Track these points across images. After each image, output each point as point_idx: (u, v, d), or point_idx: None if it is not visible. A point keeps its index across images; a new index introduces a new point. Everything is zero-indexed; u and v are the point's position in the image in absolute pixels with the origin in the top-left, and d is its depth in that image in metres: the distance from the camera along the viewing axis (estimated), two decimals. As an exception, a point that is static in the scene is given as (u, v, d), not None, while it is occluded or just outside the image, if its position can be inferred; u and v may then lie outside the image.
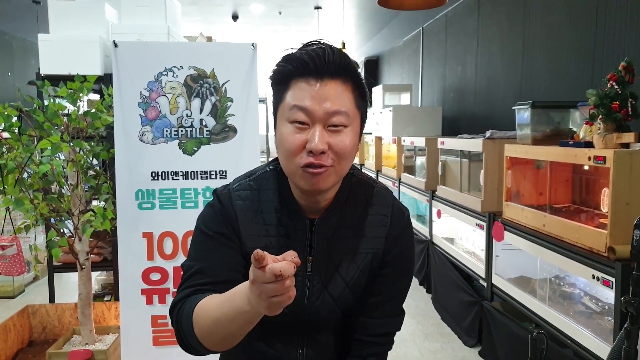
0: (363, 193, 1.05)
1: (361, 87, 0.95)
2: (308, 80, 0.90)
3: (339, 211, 1.02)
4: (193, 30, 6.46)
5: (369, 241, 1.03)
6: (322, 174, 0.91)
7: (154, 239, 2.33)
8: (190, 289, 0.96)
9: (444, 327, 3.66)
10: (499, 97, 4.24)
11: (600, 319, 2.17)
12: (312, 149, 0.88)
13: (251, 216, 1.00)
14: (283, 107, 0.93)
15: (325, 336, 1.09)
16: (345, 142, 0.91)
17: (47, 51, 2.86)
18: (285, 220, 1.00)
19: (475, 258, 3.36)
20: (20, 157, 2.25)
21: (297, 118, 0.90)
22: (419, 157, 4.74)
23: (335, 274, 1.01)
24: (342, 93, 0.91)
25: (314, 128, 0.90)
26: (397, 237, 1.05)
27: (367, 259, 1.03)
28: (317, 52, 0.90)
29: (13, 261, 2.57)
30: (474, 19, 4.71)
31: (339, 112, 0.90)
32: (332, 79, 0.90)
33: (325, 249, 1.01)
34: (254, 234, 1.00)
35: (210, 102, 2.32)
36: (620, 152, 1.93)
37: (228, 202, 1.01)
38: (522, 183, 2.81)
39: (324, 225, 1.00)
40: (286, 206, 1.01)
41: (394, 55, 7.88)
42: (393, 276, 1.06)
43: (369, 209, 1.04)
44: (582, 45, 3.03)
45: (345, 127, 0.91)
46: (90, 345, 2.52)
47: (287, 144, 0.91)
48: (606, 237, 1.97)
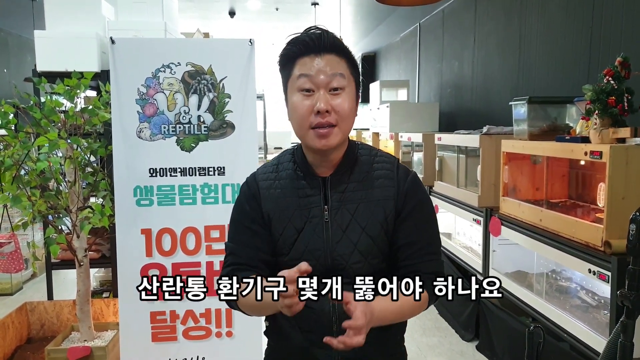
0: (368, 154, 1.22)
1: (353, 60, 1.17)
2: (310, 56, 1.11)
3: (349, 170, 1.19)
4: (190, 27, 6.43)
5: (378, 191, 1.17)
6: (329, 133, 1.10)
7: (153, 235, 2.33)
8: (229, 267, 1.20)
9: (441, 322, 3.68)
10: (496, 92, 4.25)
11: (596, 312, 2.19)
12: (318, 109, 1.09)
13: (270, 184, 1.20)
14: (292, 81, 1.13)
15: None
16: (345, 105, 1.11)
17: (43, 48, 2.85)
18: (300, 182, 1.19)
19: (473, 253, 3.38)
20: (17, 154, 2.24)
21: (304, 85, 1.11)
22: (416, 153, 4.75)
23: (352, 220, 1.15)
24: (338, 62, 1.13)
25: (318, 93, 1.10)
26: (407, 191, 1.18)
27: (379, 207, 1.16)
28: (316, 34, 1.12)
29: (11, 258, 2.57)
30: (471, 14, 4.71)
31: (337, 74, 1.11)
32: (328, 53, 1.12)
33: (340, 199, 1.17)
34: (273, 198, 1.18)
35: (208, 99, 2.32)
36: (617, 147, 1.94)
37: (252, 180, 1.24)
38: (519, 178, 2.82)
39: (336, 180, 1.18)
40: (300, 170, 1.20)
41: (391, 51, 7.87)
42: (417, 225, 1.18)
43: (375, 165, 1.21)
44: (579, 40, 3.04)
45: (343, 89, 1.12)
46: (89, 342, 2.52)
47: (298, 110, 1.11)
48: (602, 232, 1.98)
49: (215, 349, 2.37)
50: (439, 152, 3.98)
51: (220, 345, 2.36)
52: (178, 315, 2.35)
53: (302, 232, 1.15)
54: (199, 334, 2.36)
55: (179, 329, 2.36)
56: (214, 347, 2.37)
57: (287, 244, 1.16)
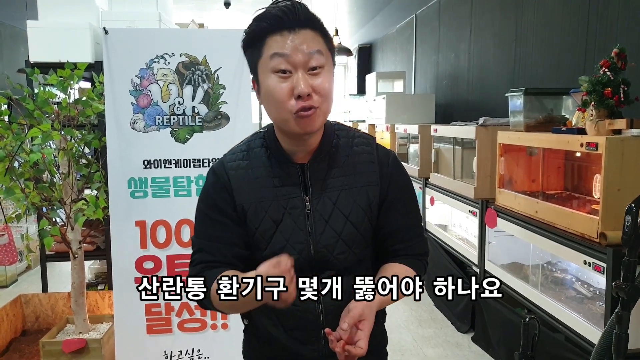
0: (346, 136, 1.14)
1: (327, 34, 1.07)
2: (282, 33, 1.00)
3: (327, 155, 1.10)
4: (185, 18, 6.38)
5: (361, 176, 1.11)
6: (312, 116, 1.00)
7: (147, 227, 2.32)
8: (199, 265, 1.09)
9: (437, 313, 3.70)
10: (492, 84, 4.24)
11: (591, 304, 2.20)
12: (300, 93, 0.98)
13: (242, 174, 1.10)
14: (263, 61, 1.02)
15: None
16: (325, 84, 1.02)
17: (36, 38, 2.81)
18: (275, 170, 1.09)
19: (468, 245, 3.39)
20: (10, 146, 2.23)
21: (280, 66, 0.99)
22: (412, 145, 4.74)
23: (335, 209, 1.08)
24: (313, 37, 1.02)
25: (297, 74, 0.99)
26: (391, 175, 1.13)
27: (362, 193, 1.10)
28: (287, 7, 1.00)
29: (5, 250, 2.55)
30: (467, 6, 4.69)
31: (316, 51, 1.00)
32: (302, 28, 1.00)
33: (321, 187, 1.09)
34: (247, 189, 1.09)
35: (203, 90, 2.30)
36: (613, 139, 1.94)
37: (220, 169, 1.12)
38: (514, 170, 2.82)
39: (315, 167, 1.09)
40: (274, 157, 1.10)
41: (387, 42, 7.84)
42: (403, 209, 1.14)
43: (355, 148, 1.13)
44: (575, 32, 3.03)
45: (322, 68, 1.02)
46: (84, 334, 2.52)
47: (275, 94, 1.00)
48: (598, 223, 1.98)
49: (211, 341, 2.37)
50: (435, 144, 3.97)
51: (216, 337, 2.36)
52: (173, 308, 2.35)
53: (281, 224, 1.07)
54: (194, 327, 2.36)
55: (174, 321, 2.36)
56: (209, 339, 2.37)
57: (265, 237, 1.08)
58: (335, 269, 1.08)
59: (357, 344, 0.93)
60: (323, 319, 1.09)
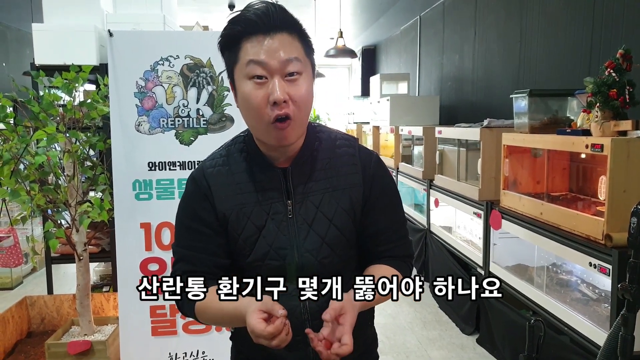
0: (328, 138, 1.12)
1: (306, 37, 1.03)
2: (257, 37, 0.97)
3: (310, 157, 1.08)
4: (189, 20, 6.40)
5: (344, 178, 1.09)
6: (288, 128, 0.98)
7: (152, 229, 2.32)
8: (181, 275, 1.07)
9: (441, 315, 3.69)
10: (497, 85, 4.23)
11: (597, 306, 2.19)
12: (275, 99, 0.95)
13: (223, 180, 1.07)
14: (239, 67, 0.99)
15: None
16: (302, 91, 0.99)
17: (41, 41, 2.83)
18: (257, 175, 1.07)
19: (473, 246, 3.38)
20: (15, 148, 2.24)
21: (255, 72, 0.97)
22: (416, 147, 4.73)
23: (318, 212, 1.07)
24: (291, 42, 0.98)
25: (272, 80, 0.96)
26: (373, 176, 1.11)
27: (345, 195, 1.08)
28: (262, 9, 0.97)
29: (10, 253, 2.56)
30: (472, 7, 4.68)
31: (292, 58, 0.97)
32: (279, 32, 0.97)
33: (303, 191, 1.07)
34: (228, 195, 1.06)
35: (207, 92, 2.30)
36: (618, 140, 1.93)
37: (200, 177, 1.09)
38: (519, 171, 2.81)
39: (297, 171, 1.07)
40: (254, 161, 1.08)
41: (392, 44, 7.84)
42: (386, 210, 1.13)
43: (337, 150, 1.11)
44: (580, 33, 3.02)
45: (300, 74, 0.98)
46: (89, 336, 2.52)
47: (250, 101, 0.98)
48: (603, 225, 1.97)
49: (215, 343, 2.37)
50: (439, 146, 3.97)
51: (220, 339, 2.36)
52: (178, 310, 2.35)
53: (264, 230, 1.05)
54: (198, 328, 2.36)
55: (179, 323, 2.36)
56: (214, 341, 2.37)
57: (247, 244, 1.06)
58: (320, 273, 1.06)
59: (342, 340, 0.91)
60: (309, 324, 1.07)
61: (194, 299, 1.03)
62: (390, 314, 3.68)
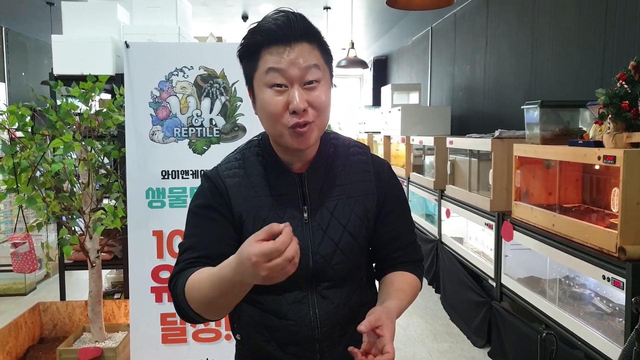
0: (343, 145, 1.14)
1: (325, 45, 1.04)
2: (278, 48, 0.98)
3: (324, 164, 1.10)
4: (204, 30, 6.49)
5: (358, 185, 1.11)
6: (307, 132, 0.99)
7: (164, 237, 2.35)
8: (183, 263, 1.03)
9: (452, 327, 3.65)
10: (508, 96, 4.22)
11: (611, 320, 2.16)
12: (294, 108, 0.97)
13: (239, 182, 1.07)
14: (259, 75, 1.00)
15: (336, 294, 1.09)
16: (322, 98, 1.00)
17: (60, 52, 2.89)
18: (272, 180, 1.07)
19: (485, 258, 3.35)
20: (33, 156, 2.28)
21: (275, 81, 0.98)
22: (427, 157, 4.73)
23: (332, 218, 1.08)
24: (310, 51, 1.00)
25: (292, 89, 0.98)
26: (387, 184, 1.15)
27: (359, 203, 1.10)
28: (282, 20, 0.98)
29: (25, 259, 2.60)
30: (483, 18, 4.69)
31: (312, 65, 0.98)
32: (298, 42, 0.98)
33: (319, 197, 1.08)
34: (245, 197, 1.06)
35: (220, 102, 2.34)
36: (630, 152, 1.92)
37: (216, 177, 1.09)
38: (531, 182, 2.79)
39: (313, 176, 1.08)
40: (271, 166, 1.08)
41: (403, 54, 7.86)
42: (399, 218, 1.16)
43: (351, 158, 1.13)
44: (592, 44, 3.01)
45: (318, 82, 1.00)
46: (100, 343, 2.54)
47: (270, 108, 0.99)
48: (616, 237, 1.95)
49: (225, 351, 2.38)
50: (450, 156, 3.96)
51: (230, 348, 2.35)
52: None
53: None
54: (208, 337, 2.38)
55: (189, 331, 2.38)
56: (224, 349, 2.38)
57: None
58: (332, 279, 1.08)
59: (384, 349, 0.91)
60: (318, 332, 1.07)
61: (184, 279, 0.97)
62: (401, 325, 3.66)
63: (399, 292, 1.08)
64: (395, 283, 1.11)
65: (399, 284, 1.11)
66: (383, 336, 0.92)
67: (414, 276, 1.15)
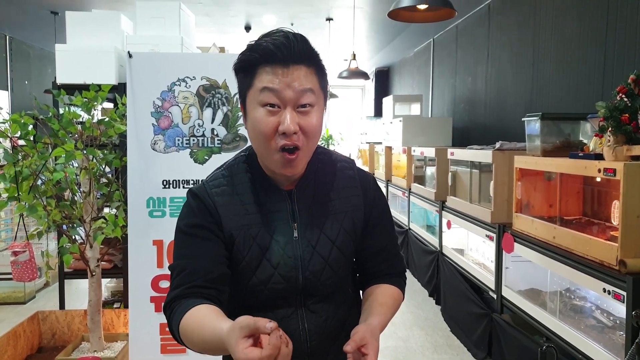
0: (330, 161, 1.14)
1: (323, 70, 1.03)
2: (274, 68, 0.97)
3: (313, 180, 1.10)
4: (206, 41, 6.54)
5: (346, 201, 1.11)
6: (295, 160, 0.99)
7: (164, 246, 2.35)
8: (180, 289, 1.00)
9: (453, 340, 3.63)
10: (509, 108, 4.24)
11: (611, 333, 2.15)
12: (285, 130, 0.96)
13: (228, 200, 1.06)
14: (252, 92, 0.99)
15: (324, 308, 1.10)
16: (314, 122, 0.99)
17: (63, 61, 2.92)
18: (262, 197, 1.07)
19: (485, 269, 3.34)
20: (35, 165, 2.29)
21: (268, 100, 0.97)
22: (429, 168, 4.73)
23: (321, 235, 1.08)
24: (307, 75, 0.98)
25: (285, 111, 0.97)
26: (374, 198, 1.15)
27: (347, 218, 1.10)
28: (282, 40, 0.96)
29: (25, 267, 2.60)
30: (485, 30, 4.73)
31: (307, 90, 0.97)
32: (296, 64, 0.97)
33: (308, 214, 1.08)
34: (234, 215, 1.05)
35: (222, 112, 2.35)
36: (631, 165, 1.92)
37: (204, 194, 1.07)
38: (532, 194, 2.79)
39: (302, 193, 1.08)
40: (259, 183, 1.07)
41: (405, 66, 7.91)
42: (384, 229, 1.18)
43: (338, 173, 1.13)
44: (592, 57, 3.03)
45: (312, 106, 0.99)
46: (99, 353, 2.53)
47: (260, 127, 0.98)
48: (617, 250, 1.95)
49: (224, 361, 2.36)
50: (451, 167, 3.96)
51: (229, 358, 2.35)
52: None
53: (268, 252, 1.04)
54: (208, 346, 2.36)
55: (189, 340, 2.36)
56: None
57: (252, 266, 1.04)
58: (321, 294, 1.09)
59: None
60: (307, 346, 1.08)
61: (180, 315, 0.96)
62: (401, 337, 3.64)
63: (383, 308, 1.08)
64: (379, 298, 1.12)
65: (383, 298, 1.12)
66: (367, 354, 0.94)
67: (396, 289, 1.16)
